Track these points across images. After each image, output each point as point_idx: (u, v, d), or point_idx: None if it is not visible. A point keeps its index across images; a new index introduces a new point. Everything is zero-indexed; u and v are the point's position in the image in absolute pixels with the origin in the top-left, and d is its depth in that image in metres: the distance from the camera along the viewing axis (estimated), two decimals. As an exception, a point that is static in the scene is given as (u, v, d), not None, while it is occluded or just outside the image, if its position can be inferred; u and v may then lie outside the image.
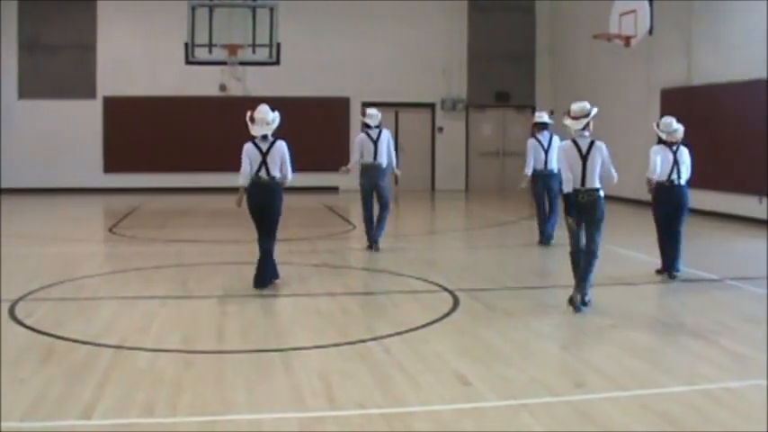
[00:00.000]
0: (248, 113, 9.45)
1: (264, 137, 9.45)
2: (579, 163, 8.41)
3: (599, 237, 8.50)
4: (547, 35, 25.50)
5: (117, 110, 23.60)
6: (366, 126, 12.55)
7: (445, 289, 9.52)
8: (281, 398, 5.67)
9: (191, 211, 19.02)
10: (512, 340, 7.37)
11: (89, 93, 23.61)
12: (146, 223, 16.64)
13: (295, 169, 9.66)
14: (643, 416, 5.34)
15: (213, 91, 23.75)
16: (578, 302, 8.41)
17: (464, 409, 5.50)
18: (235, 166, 9.86)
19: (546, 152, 13.06)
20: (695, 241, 12.53)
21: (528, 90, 25.65)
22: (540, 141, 13.15)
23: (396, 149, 12.88)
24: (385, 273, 10.92)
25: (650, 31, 17.56)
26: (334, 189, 22.83)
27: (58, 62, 23.50)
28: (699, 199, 17.03)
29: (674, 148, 10.11)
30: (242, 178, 9.52)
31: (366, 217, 12.63)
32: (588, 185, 8.40)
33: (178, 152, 23.36)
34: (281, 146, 9.50)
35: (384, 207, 12.57)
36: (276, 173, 9.46)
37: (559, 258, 11.78)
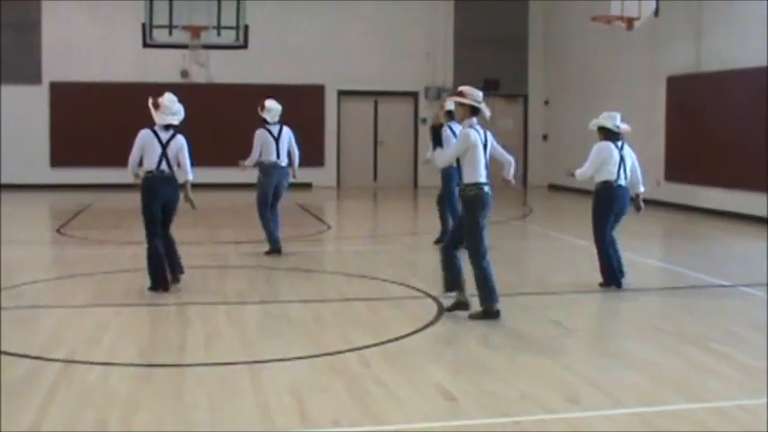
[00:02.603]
0: (150, 99, 9.72)
1: (167, 127, 9.71)
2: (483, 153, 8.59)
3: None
4: (540, 17, 25.60)
5: (65, 97, 23.46)
6: (265, 122, 12.42)
7: (428, 295, 9.53)
8: (248, 416, 5.66)
9: (147, 210, 18.88)
10: (500, 352, 7.39)
11: (33, 77, 23.43)
12: (98, 223, 16.56)
13: (194, 164, 9.90)
14: (645, 435, 5.37)
15: (174, 77, 23.61)
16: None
17: (449, 427, 5.51)
18: (198, 161, 9.90)
19: None
20: (702, 243, 12.60)
21: (519, 77, 25.75)
22: (453, 132, 12.99)
23: (297, 145, 12.75)
24: (363, 277, 10.92)
25: (656, 13, 17.65)
26: (306, 186, 22.80)
27: (-3, 43, 23.31)
28: (704, 196, 17.21)
29: (619, 145, 10.12)
30: (130, 167, 9.92)
31: (268, 219, 12.43)
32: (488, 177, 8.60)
33: (132, 145, 23.17)
34: (181, 140, 9.79)
35: (276, 208, 12.52)
36: (176, 166, 9.77)
37: (556, 263, 11.84)
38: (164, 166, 9.66)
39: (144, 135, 9.75)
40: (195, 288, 10.04)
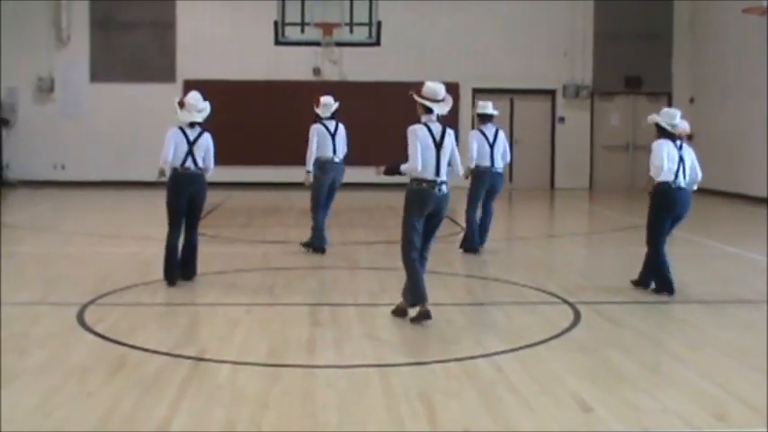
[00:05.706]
0: (178, 98, 10.17)
1: (192, 125, 10.10)
2: (434, 151, 8.58)
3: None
4: (686, 10, 25.00)
5: (199, 95, 23.99)
6: (318, 117, 12.62)
7: (564, 301, 9.44)
8: (377, 419, 5.69)
9: (279, 209, 19.25)
10: (641, 362, 7.25)
11: (168, 76, 24.10)
12: (228, 222, 16.93)
13: (217, 162, 10.32)
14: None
15: (306, 75, 23.98)
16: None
17: (585, 439, 5.44)
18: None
19: (492, 147, 12.61)
20: None
21: (663, 75, 25.20)
22: (485, 134, 12.67)
23: (348, 145, 12.85)
24: (496, 281, 10.87)
25: (817, 2, 17.06)
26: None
27: (133, 41, 24.08)
28: None
29: (678, 143, 9.77)
30: (163, 162, 10.11)
31: (321, 217, 12.59)
32: (442, 177, 8.48)
33: (266, 143, 23.57)
34: (208, 138, 10.25)
35: (329, 206, 12.72)
36: (201, 163, 10.15)
37: (700, 270, 11.57)
38: (189, 163, 10.06)
39: (173, 132, 10.12)
40: (326, 288, 10.18)
